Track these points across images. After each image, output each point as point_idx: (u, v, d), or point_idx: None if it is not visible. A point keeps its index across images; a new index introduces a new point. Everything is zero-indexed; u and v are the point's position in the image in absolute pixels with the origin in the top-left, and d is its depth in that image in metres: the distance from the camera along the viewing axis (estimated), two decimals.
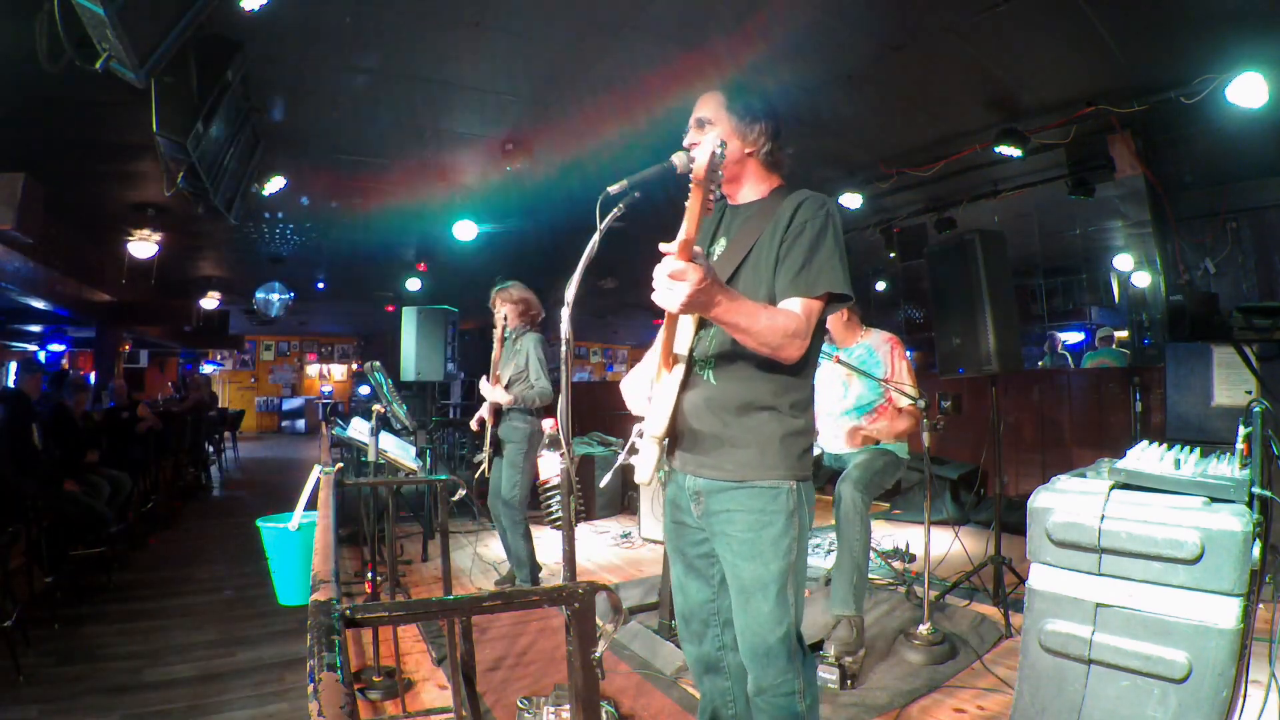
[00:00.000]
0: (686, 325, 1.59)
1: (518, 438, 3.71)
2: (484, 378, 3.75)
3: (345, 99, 4.37)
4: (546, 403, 3.73)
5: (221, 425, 10.93)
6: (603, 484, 3.33)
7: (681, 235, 1.24)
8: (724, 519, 1.52)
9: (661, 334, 1.55)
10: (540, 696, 2.44)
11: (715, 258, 1.62)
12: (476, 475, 3.93)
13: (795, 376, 1.53)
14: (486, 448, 3.79)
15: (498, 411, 3.75)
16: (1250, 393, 3.59)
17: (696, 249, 1.28)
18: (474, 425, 3.88)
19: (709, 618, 1.66)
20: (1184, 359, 3.98)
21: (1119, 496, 1.65)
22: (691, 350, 1.59)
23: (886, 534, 4.71)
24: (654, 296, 1.30)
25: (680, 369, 1.57)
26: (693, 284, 1.25)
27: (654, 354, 1.66)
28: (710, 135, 1.55)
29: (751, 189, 1.63)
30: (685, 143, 1.57)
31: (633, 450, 1.66)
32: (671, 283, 1.27)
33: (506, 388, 3.72)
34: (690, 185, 1.25)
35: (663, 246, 1.27)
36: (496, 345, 3.70)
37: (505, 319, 3.76)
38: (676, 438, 1.59)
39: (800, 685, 1.49)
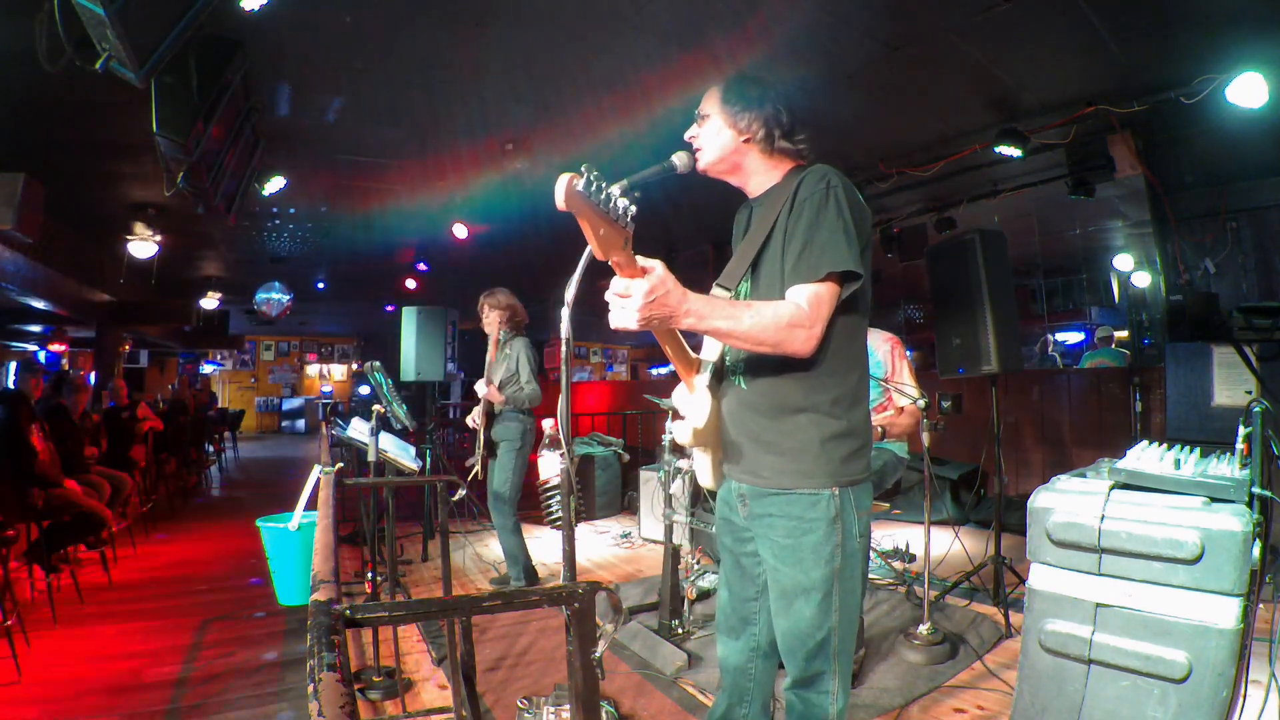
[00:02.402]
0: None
1: (510, 435, 3.84)
2: (482, 379, 3.91)
3: (345, 99, 4.37)
4: (536, 404, 3.88)
5: (221, 425, 10.93)
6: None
7: (597, 255, 1.19)
8: (766, 523, 1.49)
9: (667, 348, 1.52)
10: (540, 696, 2.44)
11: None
12: (469, 478, 3.99)
13: (833, 372, 1.44)
14: (479, 450, 3.90)
15: (490, 414, 3.88)
16: (1250, 393, 3.59)
17: (653, 263, 1.25)
18: (469, 422, 4.00)
19: (749, 615, 1.62)
20: (1184, 359, 3.98)
21: (1119, 496, 1.65)
22: (723, 355, 1.56)
23: (886, 534, 4.71)
24: (609, 320, 1.26)
25: (706, 375, 1.55)
26: (641, 295, 1.21)
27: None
28: (712, 135, 1.55)
29: (764, 177, 1.57)
30: (686, 136, 1.56)
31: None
32: (621, 301, 1.23)
33: (499, 390, 3.85)
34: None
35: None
36: (492, 348, 3.91)
37: (495, 324, 3.94)
38: (722, 446, 1.57)
39: (835, 687, 1.47)
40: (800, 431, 1.44)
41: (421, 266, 8.41)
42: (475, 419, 3.92)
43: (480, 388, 3.86)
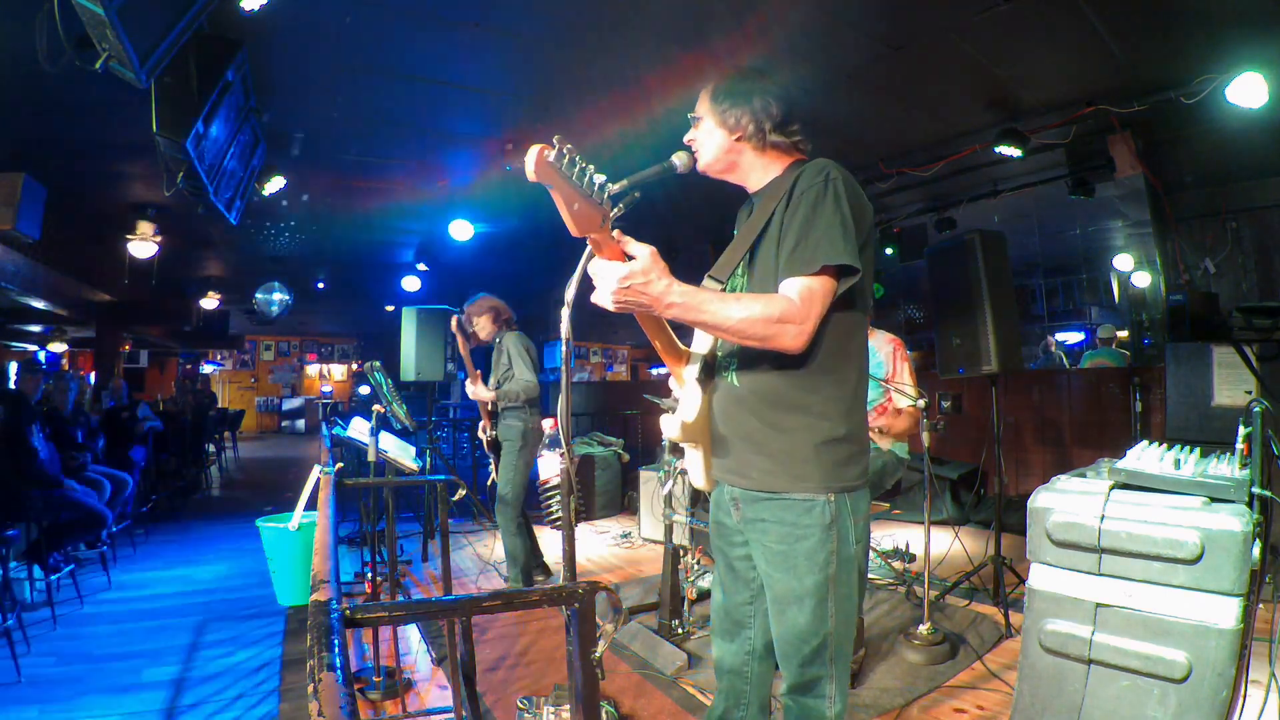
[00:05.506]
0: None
1: (512, 435, 3.80)
2: (465, 379, 3.85)
3: (345, 99, 4.37)
4: (531, 395, 3.76)
5: (221, 425, 10.93)
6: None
7: (571, 231, 1.21)
8: (759, 528, 1.46)
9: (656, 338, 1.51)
10: (540, 696, 2.44)
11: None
12: (489, 483, 4.00)
13: (828, 370, 1.40)
14: (490, 452, 3.89)
15: (492, 414, 3.84)
16: (1250, 393, 3.59)
17: (642, 249, 1.26)
18: (480, 434, 3.97)
19: (744, 619, 1.61)
20: (1184, 359, 3.98)
21: (1119, 496, 1.65)
22: (714, 348, 1.54)
23: (886, 534, 4.71)
24: (592, 297, 1.27)
25: (695, 369, 1.54)
26: (615, 279, 1.22)
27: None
28: (706, 137, 1.54)
29: (762, 173, 1.55)
30: (685, 139, 1.55)
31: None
32: (598, 282, 1.24)
33: (497, 388, 3.82)
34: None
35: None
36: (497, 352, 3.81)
37: (487, 328, 3.92)
38: (711, 444, 1.55)
39: (833, 690, 1.46)
40: (793, 433, 1.41)
41: (422, 266, 8.41)
42: (484, 430, 3.90)
43: (468, 387, 3.80)
